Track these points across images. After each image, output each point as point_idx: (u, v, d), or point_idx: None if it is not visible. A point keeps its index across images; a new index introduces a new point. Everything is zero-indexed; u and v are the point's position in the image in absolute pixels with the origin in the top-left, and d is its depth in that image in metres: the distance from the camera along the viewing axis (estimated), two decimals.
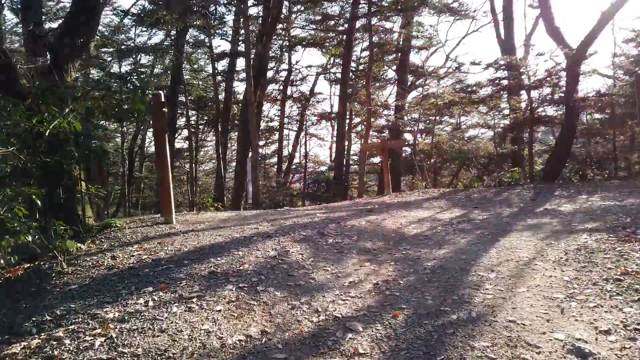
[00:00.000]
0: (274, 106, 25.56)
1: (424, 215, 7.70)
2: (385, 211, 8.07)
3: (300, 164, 25.94)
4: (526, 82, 11.65)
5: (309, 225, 6.61)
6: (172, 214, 6.74)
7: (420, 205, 8.94)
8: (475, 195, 9.76)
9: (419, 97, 17.14)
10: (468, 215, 7.55)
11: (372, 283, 4.34)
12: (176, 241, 5.47)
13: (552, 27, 11.77)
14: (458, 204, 8.86)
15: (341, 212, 8.01)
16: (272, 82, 25.44)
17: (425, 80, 19.81)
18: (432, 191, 11.30)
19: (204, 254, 4.89)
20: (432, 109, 14.38)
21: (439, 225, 6.86)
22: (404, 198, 10.46)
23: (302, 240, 5.69)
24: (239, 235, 5.81)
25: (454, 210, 8.18)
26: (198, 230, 6.15)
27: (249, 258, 4.79)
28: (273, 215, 7.95)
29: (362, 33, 21.24)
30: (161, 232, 6.02)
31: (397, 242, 5.93)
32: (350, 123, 25.31)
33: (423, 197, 10.39)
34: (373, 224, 6.88)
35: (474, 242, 5.74)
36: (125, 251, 5.11)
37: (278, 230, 6.18)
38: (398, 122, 16.54)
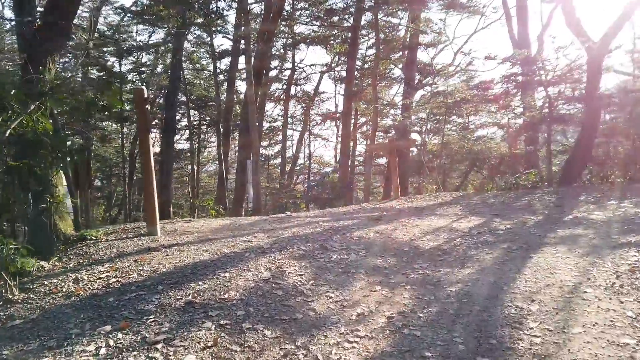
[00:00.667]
0: (278, 106, 24.77)
1: (438, 224, 6.84)
2: (396, 219, 7.22)
3: (305, 165, 25.11)
4: (545, 78, 10.74)
5: (311, 236, 5.77)
6: (156, 224, 5.93)
7: (434, 212, 8.07)
8: (492, 201, 8.88)
9: (428, 96, 16.26)
10: (489, 225, 6.68)
11: (385, 316, 3.50)
12: (155, 259, 4.65)
13: (573, 20, 10.87)
14: (475, 210, 7.99)
15: (346, 221, 7.17)
16: (276, 81, 24.65)
17: (433, 78, 18.92)
18: (444, 195, 10.43)
19: (183, 277, 4.06)
20: (442, 108, 13.50)
21: (457, 237, 6.00)
22: (414, 203, 9.60)
23: (301, 256, 4.85)
24: (228, 250, 4.97)
25: (472, 218, 7.31)
26: (183, 244, 5.33)
27: (236, 282, 3.96)
28: (271, 223, 7.12)
29: (368, 30, 20.38)
30: (141, 247, 5.20)
31: (411, 258, 5.08)
32: (355, 123, 24.44)
33: (435, 202, 9.52)
34: (382, 235, 6.03)
35: (501, 259, 4.88)
36: (92, 272, 4.29)
37: (275, 243, 5.34)
38: (405, 121, 15.67)
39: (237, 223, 7.33)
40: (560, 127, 12.30)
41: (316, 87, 24.42)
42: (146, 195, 5.90)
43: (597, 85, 10.80)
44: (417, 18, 16.31)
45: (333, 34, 20.25)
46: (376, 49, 13.76)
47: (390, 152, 10.67)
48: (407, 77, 18.28)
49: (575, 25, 10.89)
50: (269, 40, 15.42)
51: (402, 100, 15.46)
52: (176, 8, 13.39)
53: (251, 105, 12.78)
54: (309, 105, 23.39)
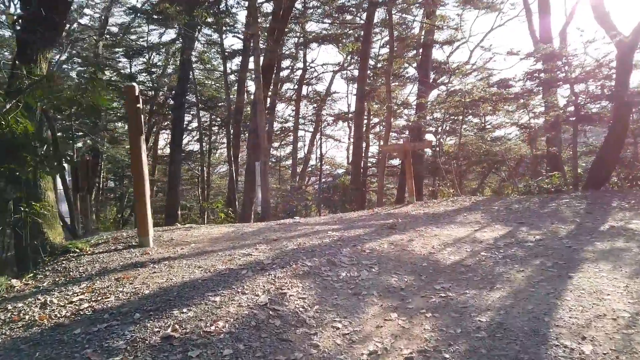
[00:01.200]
0: (289, 106, 24.21)
1: (459, 233, 6.16)
2: (412, 228, 6.56)
3: (316, 167, 24.48)
4: (571, 74, 9.95)
5: (318, 249, 5.15)
6: (148, 235, 5.36)
7: (452, 219, 7.39)
8: (516, 207, 8.16)
9: (444, 95, 15.51)
10: (515, 235, 5.99)
11: (402, 356, 2.86)
12: (140, 277, 4.08)
13: (601, 12, 10.07)
14: (498, 217, 7.28)
15: (358, 229, 6.53)
16: (287, 81, 24.10)
17: (449, 77, 18.13)
18: (462, 200, 9.72)
19: (167, 302, 3.47)
20: (459, 107, 12.76)
21: (481, 249, 5.32)
22: (431, 208, 8.91)
23: (306, 274, 4.24)
24: (223, 267, 4.38)
25: (496, 226, 6.61)
26: (175, 258, 4.75)
27: (227, 309, 3.36)
28: (276, 232, 6.52)
29: (381, 28, 19.70)
30: (127, 261, 4.64)
31: (431, 276, 4.43)
32: (368, 123, 23.77)
33: (453, 207, 8.82)
34: (398, 247, 5.38)
35: (536, 279, 4.20)
36: (66, 293, 3.73)
37: (277, 258, 4.73)
38: (420, 121, 14.95)
39: (240, 231, 6.75)
40: (587, 127, 11.48)
41: (328, 87, 23.76)
42: (137, 203, 5.33)
43: (627, 82, 9.99)
44: (433, 14, 15.58)
45: (345, 33, 19.63)
46: (390, 46, 13.10)
47: (404, 154, 10.00)
48: (421, 76, 17.54)
49: (603, 19, 10.09)
50: (278, 38, 14.84)
51: (417, 100, 14.73)
52: (183, 5, 12.89)
53: (259, 105, 12.21)
54: (321, 106, 22.75)
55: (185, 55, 15.90)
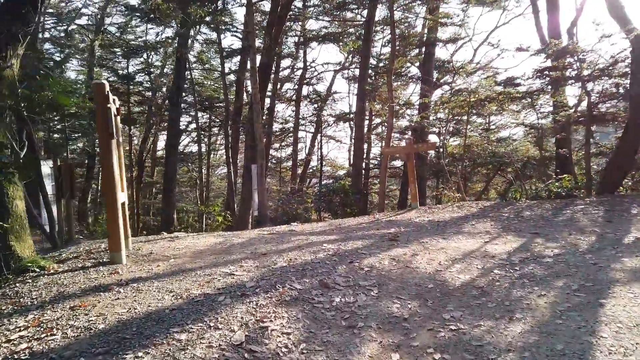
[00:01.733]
0: (289, 107, 23.59)
1: (468, 246, 5.53)
2: (415, 239, 5.94)
3: (317, 169, 23.84)
4: (584, 72, 9.29)
5: (310, 267, 4.54)
6: (120, 250, 4.76)
7: (460, 228, 6.76)
8: (528, 214, 7.52)
9: (448, 94, 14.85)
10: (530, 248, 5.35)
11: None
12: (99, 305, 3.48)
13: (616, 5, 9.43)
14: (509, 227, 6.65)
15: (356, 240, 5.91)
16: (287, 81, 23.49)
17: (453, 76, 17.47)
18: (469, 205, 9.08)
19: (122, 341, 2.87)
20: (464, 107, 12.11)
21: (494, 266, 4.69)
22: (435, 215, 8.29)
23: (293, 301, 3.63)
24: (198, 292, 3.77)
25: (508, 237, 5.98)
26: (146, 279, 4.15)
27: (193, 351, 2.75)
28: (267, 243, 5.92)
29: (383, 26, 19.07)
30: (91, 283, 4.04)
31: (438, 300, 3.81)
32: (370, 124, 23.13)
33: (459, 214, 8.19)
34: (400, 263, 4.77)
35: (562, 307, 3.58)
36: (6, 328, 3.13)
37: (262, 278, 4.13)
38: (423, 122, 14.32)
39: (228, 243, 6.14)
40: (600, 127, 10.82)
41: (329, 86, 23.15)
42: (109, 214, 4.73)
43: None
44: (436, 10, 14.94)
45: (346, 32, 18.99)
46: (392, 43, 12.46)
47: (407, 156, 9.37)
48: (424, 75, 16.91)
49: (618, 13, 9.45)
50: (276, 36, 14.24)
51: (420, 100, 14.08)
52: (177, 2, 12.31)
53: (256, 105, 11.61)
54: (322, 106, 22.13)
55: (179, 53, 15.32)
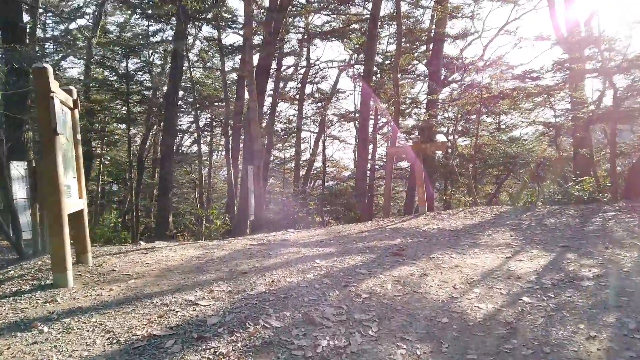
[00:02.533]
0: (293, 106, 22.67)
1: (487, 263, 4.61)
2: (424, 253, 5.02)
3: (321, 170, 22.91)
4: (610, 63, 8.31)
5: (294, 292, 3.64)
6: (66, 271, 3.89)
7: (475, 239, 5.82)
8: (551, 221, 6.56)
9: (459, 90, 13.83)
10: (563, 266, 4.41)
11: None
12: (5, 353, 2.60)
13: None
14: (533, 237, 5.70)
15: (354, 255, 5.00)
16: (290, 80, 22.61)
17: (462, 74, 16.46)
18: (483, 211, 8.12)
19: None
20: (476, 104, 11.15)
21: (522, 291, 3.76)
22: (446, 222, 7.36)
23: (264, 347, 2.73)
24: (143, 332, 2.88)
25: (532, 251, 5.04)
26: (87, 311, 3.27)
27: None
28: (252, 258, 5.04)
29: (389, 22, 18.13)
30: (14, 317, 3.18)
31: (455, 343, 2.90)
32: (375, 123, 22.17)
33: (472, 221, 7.25)
34: (406, 287, 3.85)
35: (622, 356, 2.65)
36: None
37: (231, 311, 3.24)
38: (431, 120, 13.36)
39: (207, 257, 5.26)
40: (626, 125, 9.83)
41: (334, 85, 22.20)
42: (52, 228, 3.86)
43: None
44: (445, 0, 13.97)
45: (350, 29, 18.06)
46: (398, 36, 11.53)
47: (415, 157, 8.45)
48: (432, 72, 15.92)
49: None
50: (277, 29, 13.37)
51: (429, 96, 13.11)
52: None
53: (252, 103, 10.73)
54: (326, 105, 21.19)
55: (176, 50, 14.51)
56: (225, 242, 6.60)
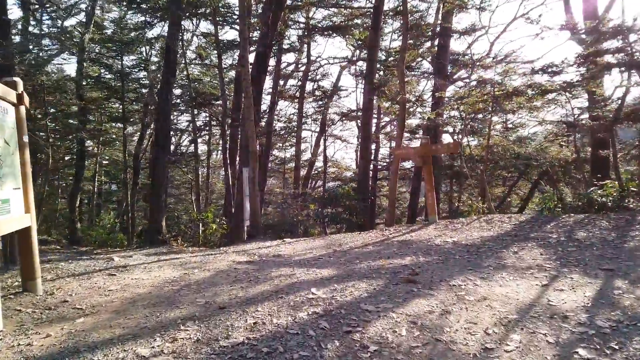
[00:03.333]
0: (293, 104, 21.76)
1: (520, 294, 3.73)
2: (442, 279, 4.14)
3: (322, 171, 21.99)
4: None
5: (280, 342, 2.78)
6: None
7: (499, 258, 4.93)
8: (582, 234, 5.67)
9: (467, 89, 12.90)
10: (614, 299, 3.53)
11: None
12: None
13: None
14: (567, 256, 4.81)
15: (358, 282, 4.13)
16: (291, 77, 21.71)
17: (469, 71, 15.53)
18: (500, 220, 7.23)
19: None
20: (488, 101, 10.24)
21: (575, 340, 2.88)
22: (460, 233, 6.48)
23: None
24: None
25: (571, 276, 4.15)
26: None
27: None
28: (234, 285, 4.18)
29: (393, 16, 17.22)
30: None
31: None
32: (378, 123, 21.26)
33: (490, 232, 6.37)
34: (424, 334, 2.98)
35: None
36: None
37: None
38: (438, 119, 12.46)
39: (184, 280, 4.40)
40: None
41: (335, 82, 21.29)
42: None
43: None
44: None
45: (353, 24, 17.14)
46: (404, 28, 10.64)
47: (423, 160, 7.56)
48: (438, 68, 15.00)
49: None
50: (274, 21, 12.49)
51: (437, 93, 12.20)
52: None
53: (246, 100, 9.86)
54: (327, 104, 20.28)
55: (169, 43, 13.63)
56: (209, 259, 5.73)
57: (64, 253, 9.85)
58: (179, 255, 6.38)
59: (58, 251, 10.59)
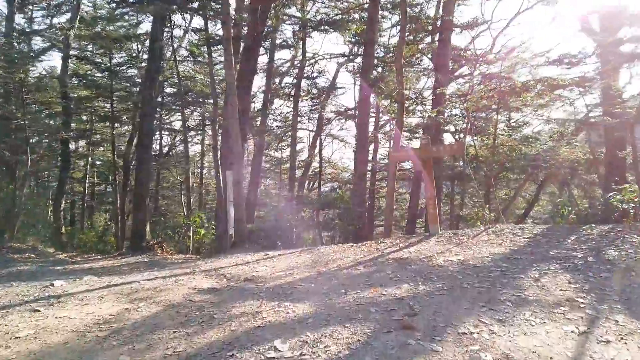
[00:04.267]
0: (288, 103, 20.73)
1: (552, 348, 2.75)
2: (447, 323, 3.14)
3: (319, 172, 20.93)
4: None
5: None
6: None
7: (519, 288, 3.92)
8: (613, 253, 4.67)
9: (472, 83, 11.82)
10: None
11: None
12: None
13: None
14: (603, 286, 3.81)
15: (340, 328, 3.13)
16: (286, 75, 20.67)
17: (474, 65, 14.49)
18: (511, 231, 6.23)
19: None
20: (494, 97, 9.22)
21: None
22: (466, 249, 5.49)
23: None
24: None
25: (615, 316, 3.16)
26: None
27: None
28: (175, 333, 3.21)
29: (391, 11, 16.21)
30: None
31: None
32: (376, 122, 20.23)
33: (502, 248, 5.38)
34: None
35: None
36: None
37: None
38: (438, 117, 11.43)
39: (119, 322, 3.43)
40: None
41: (332, 80, 20.23)
42: None
43: None
44: None
45: (349, 19, 16.08)
46: (402, 14, 9.65)
47: (424, 163, 6.57)
48: (438, 64, 13.93)
49: None
50: (264, 14, 11.50)
51: (438, 89, 11.14)
52: None
53: (231, 97, 8.87)
54: (324, 102, 19.22)
55: (153, 37, 12.66)
56: (169, 283, 4.74)
57: (31, 263, 8.92)
58: (138, 277, 5.40)
59: (31, 261, 9.66)
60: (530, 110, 12.63)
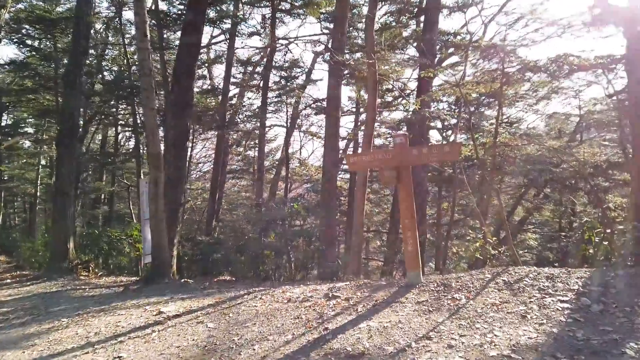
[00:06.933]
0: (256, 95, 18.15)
1: None
2: None
3: (295, 173, 18.37)
4: None
5: None
6: None
7: None
8: None
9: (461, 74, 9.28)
10: None
11: None
12: None
13: None
14: None
15: None
16: (257, 65, 18.03)
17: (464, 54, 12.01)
18: (532, 281, 3.82)
19: None
20: (497, 85, 6.76)
21: None
22: (466, 326, 3.07)
23: None
24: None
25: None
26: None
27: None
28: None
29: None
30: None
31: None
32: (356, 119, 17.76)
33: (529, 326, 2.96)
34: None
35: None
36: None
37: None
38: (423, 110, 9.01)
39: None
40: None
41: (308, 74, 17.70)
42: None
43: None
44: None
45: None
46: None
47: (400, 174, 4.12)
48: (424, 49, 11.43)
49: None
50: None
51: (423, 73, 8.62)
52: None
53: (144, 78, 6.35)
54: (299, 94, 16.63)
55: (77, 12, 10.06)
56: None
57: None
58: None
59: None
60: (534, 101, 10.30)
